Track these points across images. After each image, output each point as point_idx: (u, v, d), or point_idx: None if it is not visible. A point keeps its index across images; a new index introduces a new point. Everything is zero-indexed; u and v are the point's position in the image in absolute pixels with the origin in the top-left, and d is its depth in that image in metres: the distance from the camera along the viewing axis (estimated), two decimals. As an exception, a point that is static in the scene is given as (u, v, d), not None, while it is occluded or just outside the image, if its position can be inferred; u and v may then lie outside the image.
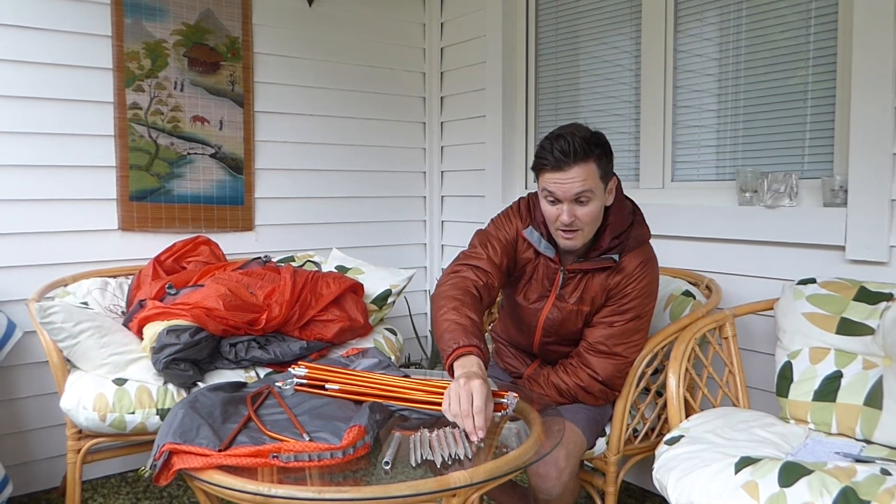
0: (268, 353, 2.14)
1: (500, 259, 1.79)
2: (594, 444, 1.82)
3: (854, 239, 1.93)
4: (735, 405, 1.87)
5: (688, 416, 1.73)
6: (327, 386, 1.56)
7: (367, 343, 2.39)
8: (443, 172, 3.41)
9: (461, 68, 3.24)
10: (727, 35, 2.33)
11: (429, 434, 1.38)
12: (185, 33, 2.68)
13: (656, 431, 1.98)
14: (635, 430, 1.92)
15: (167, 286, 2.23)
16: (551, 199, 1.68)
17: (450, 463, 1.28)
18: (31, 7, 2.38)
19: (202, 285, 2.21)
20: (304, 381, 1.59)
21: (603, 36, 2.73)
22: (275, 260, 2.64)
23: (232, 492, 1.18)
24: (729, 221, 2.22)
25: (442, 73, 3.36)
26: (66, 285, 2.33)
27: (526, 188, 3.05)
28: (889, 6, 1.84)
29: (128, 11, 2.55)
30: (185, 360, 1.97)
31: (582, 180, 1.63)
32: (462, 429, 1.37)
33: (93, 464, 2.44)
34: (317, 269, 2.64)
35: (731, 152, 2.34)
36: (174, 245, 2.50)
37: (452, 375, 1.48)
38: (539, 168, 1.68)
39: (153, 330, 2.01)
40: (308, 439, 1.31)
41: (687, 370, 1.78)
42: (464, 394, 1.37)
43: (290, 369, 1.65)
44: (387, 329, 2.56)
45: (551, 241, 1.80)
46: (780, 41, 2.19)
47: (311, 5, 3.01)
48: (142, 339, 2.06)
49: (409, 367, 2.97)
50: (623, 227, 1.76)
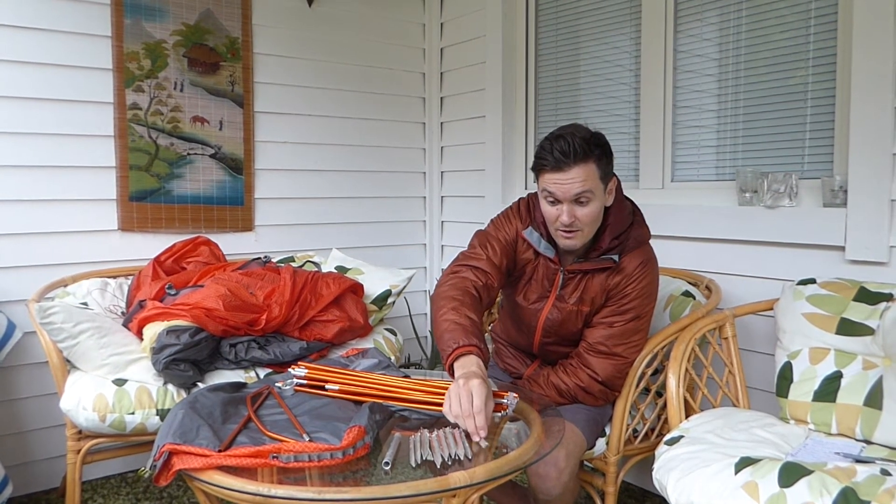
0: (268, 353, 2.14)
1: (499, 259, 1.79)
2: (594, 445, 1.82)
3: (854, 239, 1.93)
4: (735, 405, 1.87)
5: (688, 416, 1.73)
6: (327, 386, 1.56)
7: (366, 343, 2.39)
8: (443, 173, 3.41)
9: (461, 68, 3.24)
10: (727, 35, 2.33)
11: (429, 434, 1.38)
12: (184, 34, 2.68)
13: (656, 432, 1.98)
14: (635, 431, 1.92)
15: (167, 287, 2.23)
16: (551, 199, 1.68)
17: (450, 463, 1.28)
18: (30, 7, 2.38)
19: (202, 286, 2.21)
20: (304, 382, 1.60)
21: (603, 36, 2.73)
22: (275, 260, 2.64)
23: (232, 492, 1.18)
24: (729, 222, 2.22)
25: (442, 74, 3.36)
26: (65, 286, 2.33)
27: (526, 188, 3.05)
28: (889, 6, 1.84)
29: (128, 12, 2.55)
30: (184, 361, 1.97)
31: (582, 181, 1.63)
32: (463, 429, 1.38)
33: (93, 464, 2.44)
34: (317, 269, 2.64)
35: (730, 152, 2.34)
36: (174, 245, 2.50)
37: (452, 375, 1.49)
38: (539, 168, 1.68)
39: (153, 330, 2.01)
40: (308, 440, 1.31)
41: (687, 370, 1.78)
42: (464, 394, 1.38)
43: (289, 370, 1.65)
44: (387, 329, 2.55)
45: (551, 242, 1.80)
46: (780, 41, 2.19)
47: (310, 5, 3.01)
48: (142, 339, 2.06)
49: (408, 368, 2.97)
50: (623, 228, 1.76)
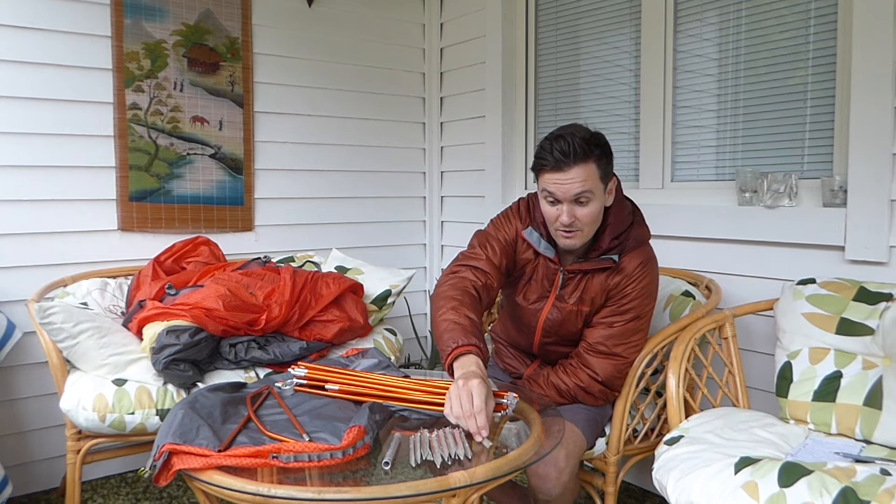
0: (267, 353, 2.14)
1: (499, 259, 1.79)
2: (594, 445, 1.82)
3: (854, 239, 1.93)
4: (735, 405, 1.87)
5: (687, 416, 1.73)
6: (327, 386, 1.56)
7: (366, 343, 2.39)
8: (442, 173, 3.41)
9: (461, 69, 3.24)
10: (727, 35, 2.33)
11: (428, 434, 1.38)
12: (184, 34, 2.68)
13: (656, 431, 1.98)
14: (635, 431, 1.92)
15: (167, 286, 2.23)
16: (551, 199, 1.68)
17: (449, 463, 1.28)
18: (30, 7, 2.38)
19: (202, 286, 2.21)
20: (304, 382, 1.60)
21: (603, 36, 2.73)
22: (274, 260, 2.64)
23: (232, 492, 1.18)
24: (728, 221, 2.22)
25: (442, 74, 3.36)
26: (65, 286, 2.33)
27: (526, 188, 3.05)
28: (889, 6, 1.84)
29: (127, 12, 2.55)
30: (184, 361, 1.97)
31: (582, 181, 1.63)
32: (464, 430, 1.38)
33: (93, 464, 2.44)
34: (316, 269, 2.64)
35: (730, 152, 2.34)
36: (174, 245, 2.50)
37: (452, 375, 1.49)
38: (539, 168, 1.68)
39: (153, 330, 2.01)
40: (308, 440, 1.31)
41: (687, 370, 1.78)
42: (464, 395, 1.38)
43: (289, 370, 1.65)
44: (386, 329, 2.55)
45: (551, 242, 1.80)
46: (780, 41, 2.19)
47: (310, 6, 3.01)
48: (141, 339, 2.06)
49: (408, 368, 2.97)
50: (623, 228, 1.76)
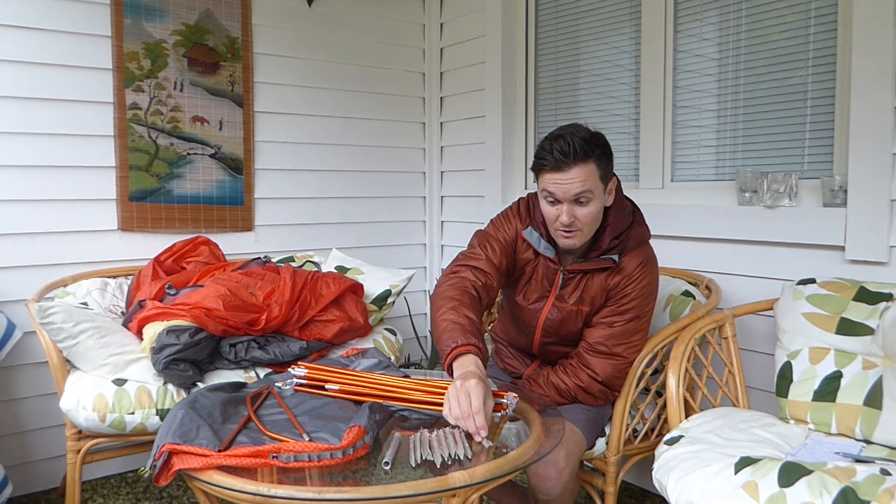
0: (267, 353, 2.14)
1: (499, 259, 1.79)
2: (594, 445, 1.82)
3: (854, 239, 1.93)
4: (735, 405, 1.87)
5: (687, 416, 1.73)
6: (327, 386, 1.56)
7: (366, 343, 2.39)
8: (442, 173, 3.41)
9: (461, 68, 3.24)
10: (727, 35, 2.33)
11: (428, 434, 1.38)
12: (184, 33, 2.68)
13: (656, 431, 1.98)
14: (635, 431, 1.92)
15: (167, 286, 2.23)
16: (551, 199, 1.68)
17: (449, 463, 1.28)
18: (30, 7, 2.38)
19: (202, 286, 2.21)
20: (304, 382, 1.59)
21: (603, 36, 2.73)
22: (274, 260, 2.64)
23: (232, 492, 1.18)
24: (728, 221, 2.22)
25: (441, 74, 3.36)
26: (65, 286, 2.33)
27: (526, 188, 3.05)
28: (889, 6, 1.84)
29: (127, 12, 2.55)
30: (184, 361, 1.97)
31: (581, 181, 1.63)
32: (464, 430, 1.38)
33: (93, 464, 2.44)
34: (316, 269, 2.64)
35: (730, 152, 2.34)
36: (174, 245, 2.50)
37: (452, 375, 1.49)
38: (539, 168, 1.68)
39: (153, 330, 2.01)
40: (308, 439, 1.31)
41: (687, 370, 1.78)
42: (462, 395, 1.38)
43: (289, 369, 1.65)
44: (386, 329, 2.56)
45: (551, 242, 1.80)
46: (780, 41, 2.19)
47: (310, 5, 3.01)
48: (141, 339, 2.06)
49: (408, 368, 2.97)
50: (623, 228, 1.76)
